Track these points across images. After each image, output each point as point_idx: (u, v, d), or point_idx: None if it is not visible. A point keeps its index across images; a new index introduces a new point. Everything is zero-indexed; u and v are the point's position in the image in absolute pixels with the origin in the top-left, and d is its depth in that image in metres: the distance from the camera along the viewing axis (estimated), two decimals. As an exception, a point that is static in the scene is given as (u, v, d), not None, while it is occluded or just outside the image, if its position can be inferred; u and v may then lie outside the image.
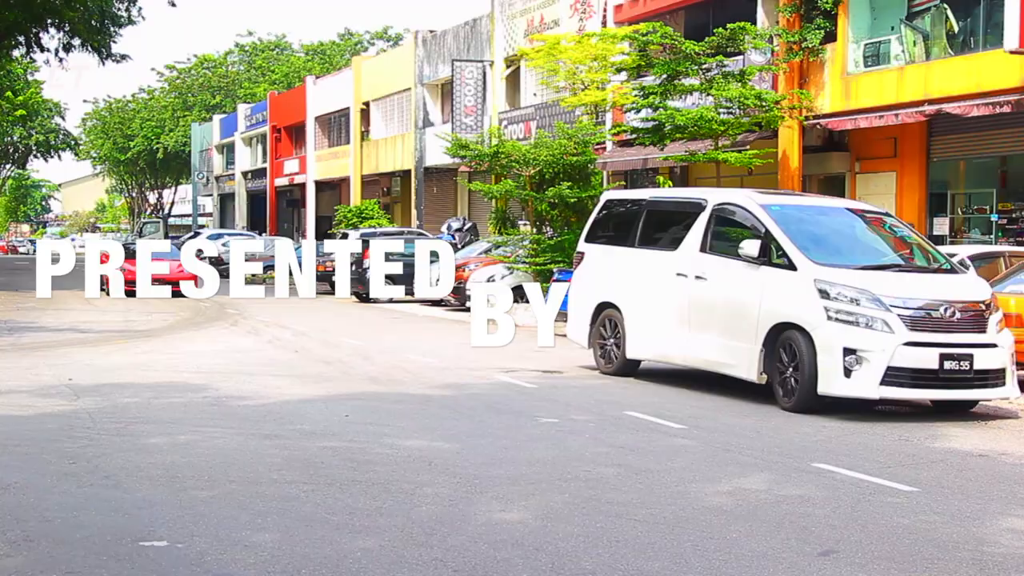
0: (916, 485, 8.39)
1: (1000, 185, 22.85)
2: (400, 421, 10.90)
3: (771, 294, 12.29)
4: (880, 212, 14.31)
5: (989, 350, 11.73)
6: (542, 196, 23.99)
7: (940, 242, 21.81)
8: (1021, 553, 6.59)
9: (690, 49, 22.70)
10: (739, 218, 13.30)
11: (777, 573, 6.10)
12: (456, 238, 35.32)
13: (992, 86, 20.08)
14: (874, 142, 24.60)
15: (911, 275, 12.37)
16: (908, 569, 6.22)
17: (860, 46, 23.69)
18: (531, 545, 6.53)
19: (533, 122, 35.01)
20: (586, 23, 32.32)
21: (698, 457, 9.38)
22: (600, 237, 15.56)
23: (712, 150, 23.39)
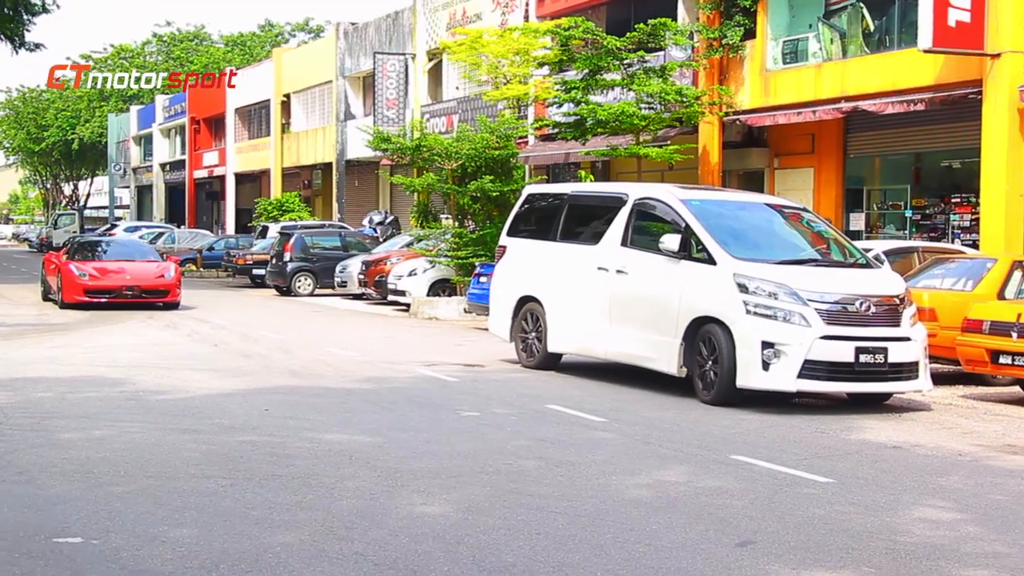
0: (832, 476, 8.51)
1: (914, 181, 23.26)
2: (321, 415, 10.83)
3: (691, 288, 12.39)
4: (798, 207, 14.50)
5: (903, 343, 11.94)
6: (464, 190, 23.98)
7: (856, 237, 22.15)
8: (932, 542, 6.72)
9: (611, 44, 22.82)
10: (660, 213, 13.39)
11: (695, 564, 6.15)
12: (378, 231, 35.17)
13: (907, 84, 20.43)
14: (792, 138, 24.91)
15: (828, 270, 12.55)
16: (823, 559, 6.31)
17: (779, 43, 23.98)
18: (452, 538, 6.53)
19: (455, 116, 34.97)
20: (508, 17, 32.34)
21: (618, 450, 9.44)
22: (522, 231, 15.59)
23: (633, 145, 23.55)
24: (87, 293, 23.11)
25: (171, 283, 23.58)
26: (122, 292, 23.17)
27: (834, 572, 6.07)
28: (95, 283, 23.24)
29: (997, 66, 18.44)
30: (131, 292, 23.17)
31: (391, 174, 30.74)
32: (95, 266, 23.87)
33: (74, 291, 23.16)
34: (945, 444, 10.17)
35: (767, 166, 25.87)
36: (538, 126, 27.35)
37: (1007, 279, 14.57)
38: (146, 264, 24.40)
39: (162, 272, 23.93)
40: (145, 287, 23.38)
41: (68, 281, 23.31)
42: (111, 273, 23.62)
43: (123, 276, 23.50)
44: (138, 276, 23.57)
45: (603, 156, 25.33)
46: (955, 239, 21.32)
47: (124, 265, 24.07)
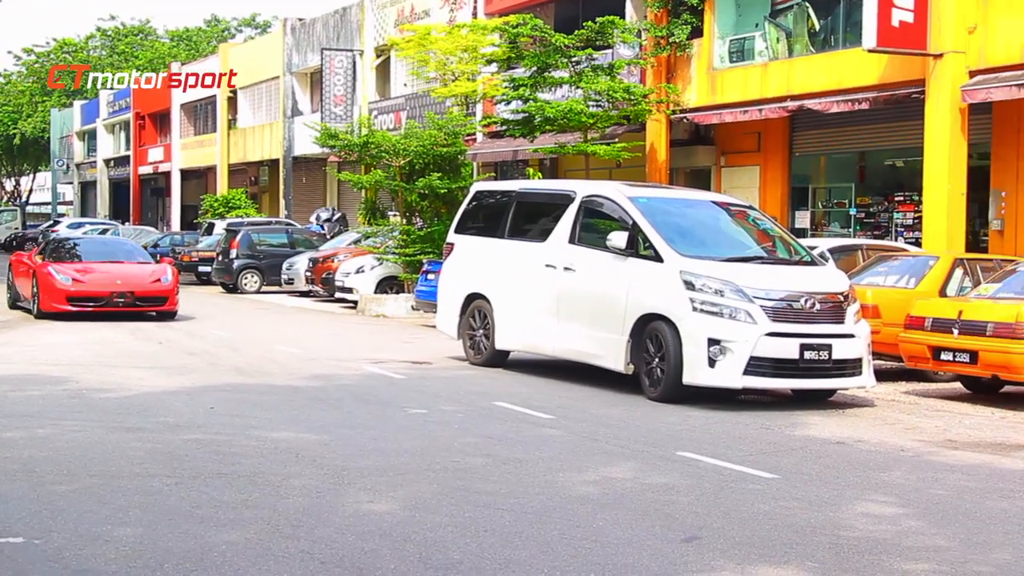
0: (777, 472, 8.58)
1: (859, 180, 23.50)
2: (267, 413, 10.77)
3: (638, 285, 12.44)
4: (744, 205, 14.60)
5: (847, 340, 12.06)
6: (412, 187, 23.93)
7: (802, 235, 22.36)
8: (875, 536, 6.80)
9: (560, 42, 22.87)
10: (607, 210, 13.44)
11: (642, 559, 6.19)
12: (325, 228, 35.03)
13: (851, 83, 20.63)
14: (739, 136, 25.09)
15: (773, 267, 12.65)
16: (767, 554, 6.36)
17: (725, 42, 24.13)
18: (399, 536, 6.52)
19: (403, 112, 34.89)
20: (457, 14, 32.30)
21: (565, 447, 9.46)
22: (470, 228, 15.58)
23: (581, 142, 23.62)
24: (70, 301, 19.88)
25: (168, 288, 20.39)
26: (112, 300, 19.95)
27: (778, 567, 6.12)
28: (80, 289, 20.05)
29: (939, 66, 18.66)
30: (123, 300, 19.95)
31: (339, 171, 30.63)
32: (78, 268, 20.65)
33: (54, 298, 19.98)
34: (888, 440, 10.29)
35: (714, 164, 26.03)
36: (486, 123, 27.36)
37: (948, 277, 14.79)
38: (137, 266, 21.15)
39: (158, 276, 20.67)
40: (139, 293, 20.14)
41: (46, 287, 20.13)
42: (98, 277, 20.38)
43: (112, 281, 20.20)
44: (130, 280, 20.27)
45: (551, 153, 25.38)
46: (898, 237, 21.57)
47: (112, 268, 20.86)
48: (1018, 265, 14.30)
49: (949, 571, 6.13)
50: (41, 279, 20.29)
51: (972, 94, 18.31)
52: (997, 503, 7.82)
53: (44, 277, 20.29)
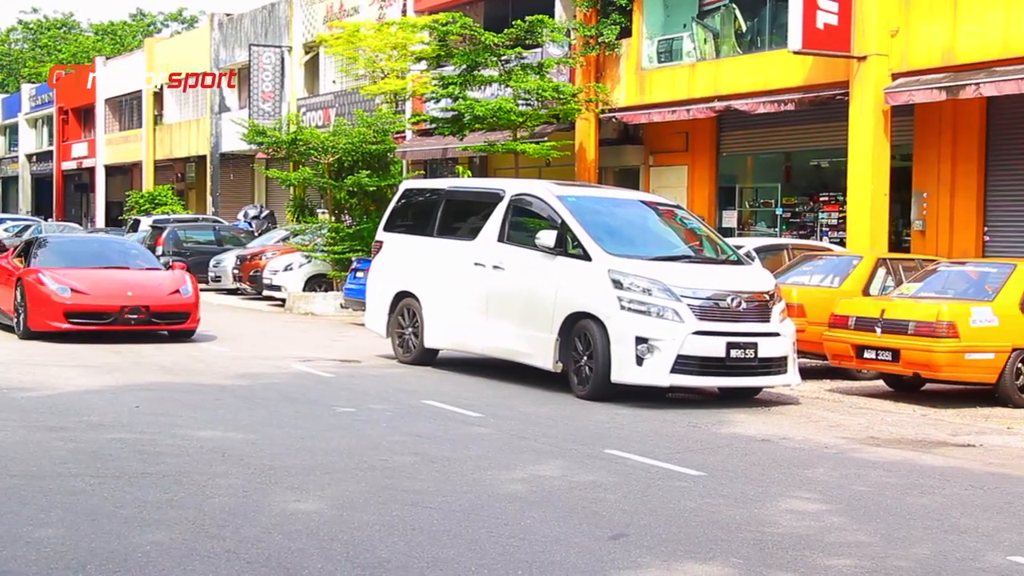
0: (703, 469, 8.66)
1: (785, 180, 23.78)
2: (193, 412, 10.67)
3: (567, 284, 12.49)
4: (672, 205, 14.72)
5: (773, 339, 12.20)
6: (341, 184, 23.80)
7: (729, 234, 22.59)
8: (798, 533, 6.88)
9: (489, 40, 22.91)
10: (536, 209, 13.47)
11: (569, 557, 6.21)
12: (253, 226, 34.75)
13: (778, 84, 20.87)
14: (667, 136, 25.27)
15: (700, 266, 12.75)
16: (693, 550, 6.42)
17: (654, 42, 24.30)
18: (326, 535, 6.49)
19: (332, 109, 34.70)
20: (386, 11, 32.20)
21: (494, 445, 9.47)
22: (399, 226, 15.54)
23: (511, 141, 23.66)
24: (69, 317, 16.10)
25: (190, 302, 16.74)
26: (122, 316, 16.17)
27: (703, 563, 6.18)
28: (81, 302, 16.21)
29: (863, 68, 18.93)
30: (135, 316, 16.20)
31: (267, 168, 30.39)
32: (77, 276, 16.71)
33: (48, 314, 16.16)
34: (812, 437, 10.43)
35: (642, 163, 26.20)
36: (415, 121, 27.32)
37: (871, 276, 15.01)
38: (148, 274, 17.44)
39: (175, 285, 16.87)
40: (156, 308, 16.38)
41: (37, 299, 16.28)
42: (103, 287, 16.55)
43: (122, 292, 16.45)
44: (144, 292, 16.55)
45: (480, 152, 25.39)
46: (823, 236, 21.86)
47: (118, 275, 17.17)
48: (939, 265, 14.57)
49: (870, 566, 6.23)
50: (30, 289, 16.42)
51: (894, 96, 18.60)
52: (917, 499, 7.95)
53: (33, 287, 16.40)
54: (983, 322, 12.58)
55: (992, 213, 19.35)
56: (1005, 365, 12.65)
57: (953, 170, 19.57)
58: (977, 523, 7.28)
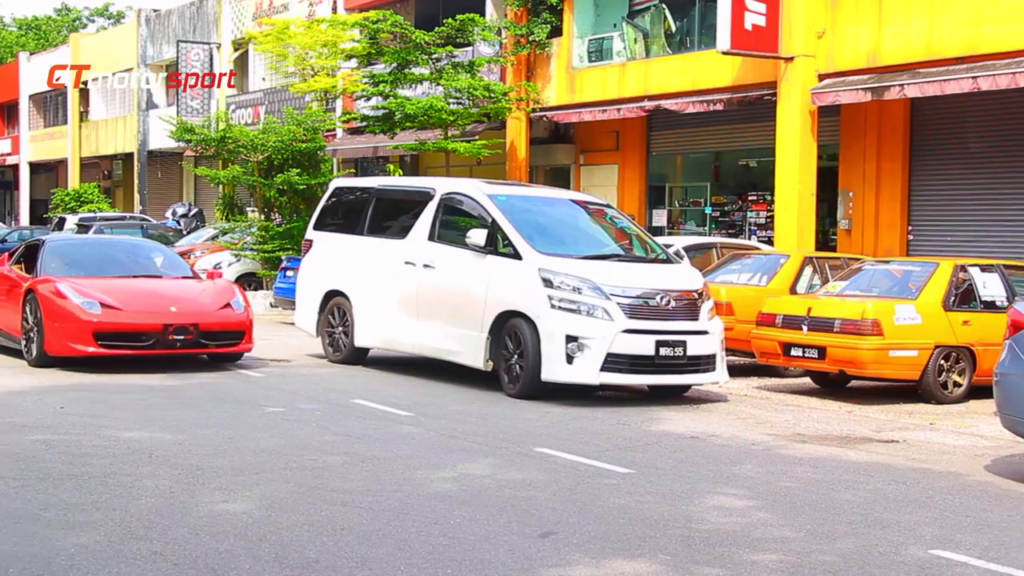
0: (632, 467, 8.72)
1: (714, 179, 24.00)
2: (119, 412, 10.54)
3: (497, 283, 12.50)
4: (602, 204, 14.78)
5: (701, 337, 12.30)
6: (270, 183, 23.64)
7: (659, 233, 22.74)
8: (725, 529, 6.96)
9: (420, 38, 22.89)
10: (467, 208, 13.47)
11: (498, 555, 6.23)
12: (181, 224, 34.38)
13: (707, 84, 21.05)
14: (598, 135, 25.39)
15: (630, 265, 12.83)
16: (621, 548, 6.46)
17: (584, 42, 24.41)
18: (255, 536, 6.45)
19: (262, 107, 34.44)
20: (316, 8, 32.03)
21: (424, 444, 9.46)
22: (329, 225, 15.47)
23: (442, 139, 23.66)
24: (99, 339, 13.01)
25: (244, 319, 13.86)
26: (166, 337, 13.22)
27: (632, 560, 6.22)
28: (115, 320, 13.11)
29: (790, 69, 19.15)
30: (181, 337, 13.29)
31: (195, 166, 30.09)
32: (104, 287, 13.60)
33: (72, 334, 12.99)
34: (740, 434, 10.54)
35: (573, 162, 26.31)
36: (346, 119, 27.21)
37: (799, 274, 15.19)
38: (189, 284, 14.44)
39: (225, 299, 13.97)
40: (206, 327, 13.47)
41: (58, 316, 13.11)
42: (138, 300, 13.52)
43: (163, 306, 13.46)
44: (190, 307, 13.60)
45: (411, 150, 25.34)
46: (752, 235, 22.09)
47: (154, 286, 14.12)
48: (864, 263, 14.78)
49: (795, 561, 6.31)
50: (47, 304, 13.23)
51: (821, 97, 18.84)
52: (842, 494, 8.07)
53: (51, 301, 13.23)
54: (907, 320, 12.79)
55: (916, 212, 19.67)
56: (928, 362, 12.87)
57: (878, 170, 19.87)
58: (899, 517, 7.40)
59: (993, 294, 13.33)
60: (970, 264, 13.69)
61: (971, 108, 18.54)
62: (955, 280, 13.25)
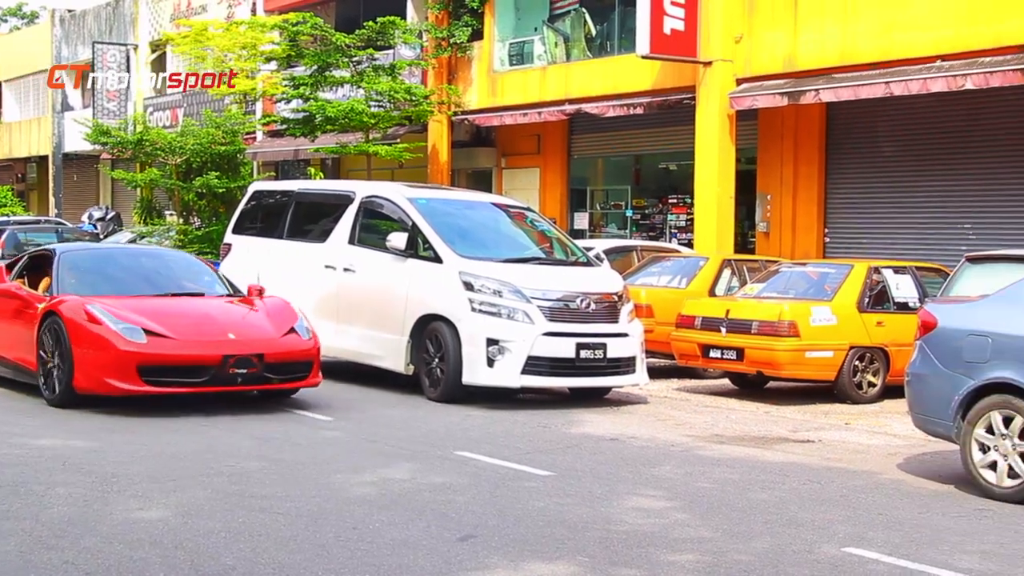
0: (552, 469, 8.74)
1: (635, 182, 24.15)
2: (32, 419, 10.35)
3: (418, 286, 12.48)
4: (522, 207, 14.83)
5: (621, 339, 12.38)
6: (189, 186, 23.39)
7: (580, 236, 22.83)
8: (644, 530, 7.01)
9: (340, 41, 22.78)
10: (387, 211, 13.44)
11: (417, 559, 6.22)
12: (98, 228, 33.83)
13: (627, 88, 21.19)
14: (519, 139, 25.44)
15: (550, 268, 12.88)
16: (540, 550, 6.48)
17: (505, 45, 24.45)
18: (170, 543, 6.37)
19: (180, 110, 34.04)
20: (235, 10, 31.75)
21: (344, 448, 9.42)
22: (248, 228, 15.35)
23: (363, 142, 23.55)
24: (144, 373, 10.63)
25: (312, 348, 11.48)
26: (225, 370, 10.83)
27: (550, 563, 6.24)
28: (164, 351, 10.72)
29: (709, 74, 19.34)
30: (244, 371, 10.91)
31: (112, 168, 29.67)
32: (143, 309, 11.22)
33: (110, 367, 10.62)
34: (659, 435, 10.62)
35: (495, 165, 26.33)
36: (266, 122, 27.00)
37: (717, 277, 15.36)
38: (239, 305, 11.96)
39: (287, 322, 11.58)
40: (272, 357, 11.08)
41: (91, 344, 10.73)
42: (191, 326, 11.17)
43: (219, 332, 11.16)
44: (250, 332, 11.27)
45: (333, 153, 25.20)
46: (672, 238, 22.27)
47: (201, 307, 11.87)
48: (781, 266, 14.97)
49: (711, 561, 6.38)
50: (76, 331, 10.81)
51: (739, 101, 19.05)
52: (758, 494, 8.16)
53: (81, 327, 10.82)
54: (822, 321, 12.98)
55: (832, 215, 19.95)
56: (843, 363, 13.07)
57: (795, 173, 20.13)
58: (814, 516, 7.51)
59: (906, 295, 13.57)
60: (883, 266, 13.94)
61: (885, 113, 18.85)
62: (869, 282, 13.47)
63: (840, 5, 18.01)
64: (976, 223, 17.82)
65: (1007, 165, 17.58)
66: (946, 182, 18.30)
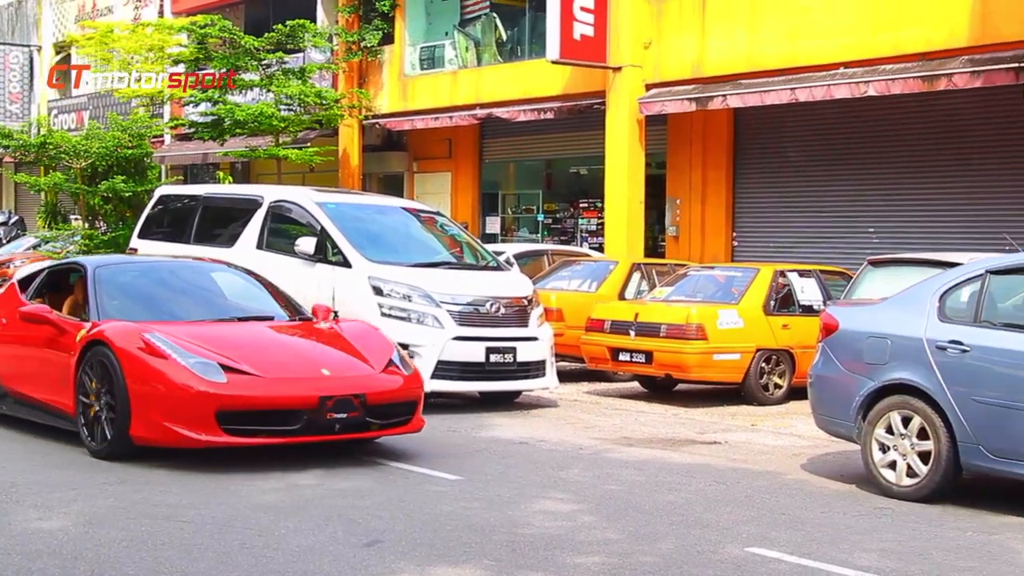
0: (461, 473, 8.74)
1: (546, 187, 24.25)
2: (-71, 429, 10.12)
3: (327, 291, 12.40)
4: (433, 212, 14.82)
5: (531, 343, 12.43)
6: (95, 190, 22.97)
7: (492, 240, 22.87)
8: (550, 533, 7.03)
9: (249, 44, 22.56)
10: (296, 215, 13.35)
11: (323, 566, 6.18)
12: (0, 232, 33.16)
13: (538, 93, 21.28)
14: (431, 143, 25.41)
15: (460, 272, 12.90)
16: (447, 554, 6.48)
17: (416, 49, 24.43)
18: (70, 553, 6.26)
19: (86, 112, 33.48)
20: (142, 12, 31.32)
21: (251, 454, 9.29)
22: (155, 233, 15.14)
23: (273, 146, 23.33)
24: (222, 420, 8.64)
25: (416, 386, 9.65)
26: (322, 415, 8.81)
27: (456, 567, 6.24)
28: (248, 392, 8.75)
29: (619, 79, 19.49)
30: (343, 415, 8.90)
31: (15, 172, 29.08)
32: (215, 338, 9.25)
33: (182, 412, 8.62)
34: (568, 439, 10.67)
35: (407, 170, 26.28)
36: (174, 125, 26.64)
37: (627, 280, 15.48)
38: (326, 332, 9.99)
39: (384, 353, 9.63)
40: (375, 398, 9.09)
41: (160, 384, 8.69)
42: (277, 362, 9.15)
43: (312, 369, 9.17)
44: (347, 369, 9.31)
45: (242, 157, 24.95)
46: (583, 242, 22.39)
47: (284, 337, 9.81)
48: (689, 269, 15.13)
49: (617, 563, 6.42)
50: (133, 366, 8.78)
51: (648, 106, 19.22)
52: (664, 496, 8.24)
53: (140, 361, 8.77)
54: (729, 324, 13.14)
55: (740, 219, 20.21)
56: (750, 365, 13.24)
57: (704, 178, 20.36)
58: (719, 517, 7.59)
59: (811, 298, 13.79)
60: (789, 270, 14.15)
61: (791, 118, 19.14)
62: (775, 285, 13.66)
63: (746, 12, 18.26)
64: (879, 227, 18.16)
65: (909, 170, 17.95)
66: (850, 187, 18.63)
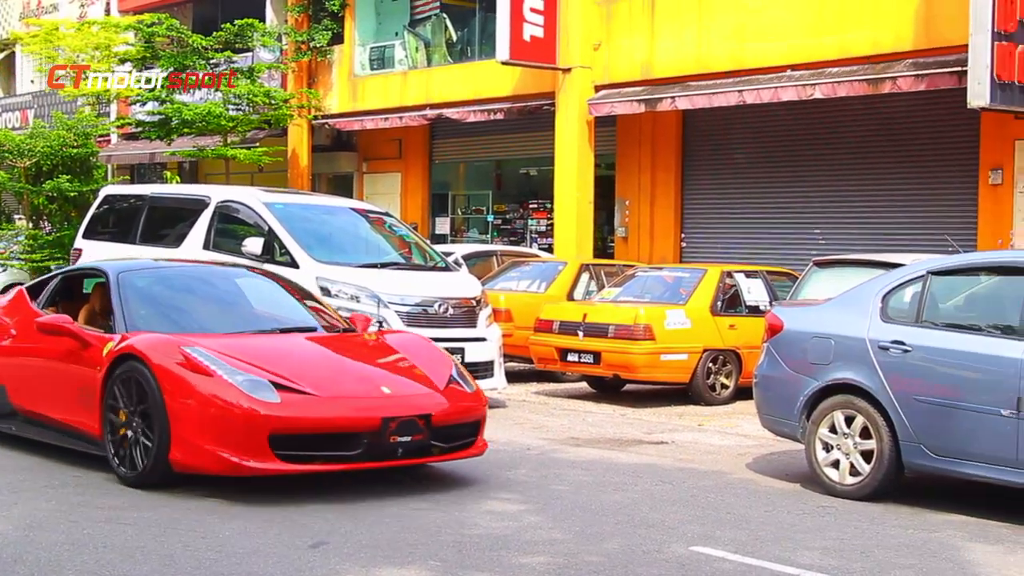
0: (407, 474, 8.71)
1: (496, 187, 24.27)
2: None
3: (274, 291, 12.33)
4: (381, 212, 14.79)
5: (479, 344, 12.43)
6: (39, 189, 22.74)
7: (442, 241, 22.87)
8: (497, 533, 7.03)
9: (197, 43, 22.43)
10: (243, 216, 13.27)
11: (267, 568, 6.14)
12: (-57, 233, 32.69)
13: (488, 94, 21.29)
14: (381, 143, 25.36)
15: (409, 273, 12.88)
16: (393, 555, 6.46)
17: (366, 49, 24.37)
18: (9, 557, 6.19)
19: (31, 111, 33.09)
20: (88, 10, 31.01)
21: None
22: (100, 233, 15.00)
23: (221, 146, 23.20)
24: (275, 444, 7.58)
25: (480, 405, 8.81)
26: (384, 438, 7.84)
27: (402, 568, 6.23)
28: (304, 414, 7.70)
29: (568, 80, 19.54)
30: (408, 439, 7.97)
31: (-43, 171, 28.69)
32: (262, 354, 8.21)
33: (231, 436, 7.56)
34: (516, 439, 10.67)
35: (356, 170, 26.21)
36: (120, 124, 26.43)
37: (575, 281, 15.52)
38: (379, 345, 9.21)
39: (443, 368, 8.81)
40: (440, 419, 8.16)
41: (207, 404, 7.64)
42: (333, 380, 8.13)
43: (372, 387, 8.18)
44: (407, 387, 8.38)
45: (190, 157, 24.80)
46: (533, 243, 22.44)
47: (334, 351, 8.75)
48: (637, 270, 15.19)
49: (563, 563, 6.43)
50: (171, 383, 7.80)
51: (597, 107, 19.28)
52: (611, 496, 8.27)
53: (179, 378, 7.80)
54: (677, 324, 13.20)
55: (688, 220, 20.33)
56: (697, 365, 13.31)
57: (653, 179, 20.45)
58: (664, 516, 7.63)
59: (757, 299, 13.89)
60: (736, 270, 14.24)
61: (739, 120, 19.28)
62: (722, 286, 13.75)
63: (695, 15, 18.36)
64: (825, 228, 18.33)
65: (855, 172, 18.13)
66: (797, 188, 18.79)
